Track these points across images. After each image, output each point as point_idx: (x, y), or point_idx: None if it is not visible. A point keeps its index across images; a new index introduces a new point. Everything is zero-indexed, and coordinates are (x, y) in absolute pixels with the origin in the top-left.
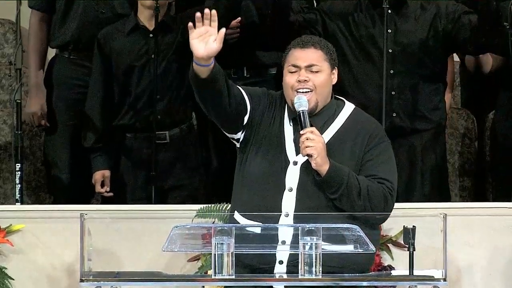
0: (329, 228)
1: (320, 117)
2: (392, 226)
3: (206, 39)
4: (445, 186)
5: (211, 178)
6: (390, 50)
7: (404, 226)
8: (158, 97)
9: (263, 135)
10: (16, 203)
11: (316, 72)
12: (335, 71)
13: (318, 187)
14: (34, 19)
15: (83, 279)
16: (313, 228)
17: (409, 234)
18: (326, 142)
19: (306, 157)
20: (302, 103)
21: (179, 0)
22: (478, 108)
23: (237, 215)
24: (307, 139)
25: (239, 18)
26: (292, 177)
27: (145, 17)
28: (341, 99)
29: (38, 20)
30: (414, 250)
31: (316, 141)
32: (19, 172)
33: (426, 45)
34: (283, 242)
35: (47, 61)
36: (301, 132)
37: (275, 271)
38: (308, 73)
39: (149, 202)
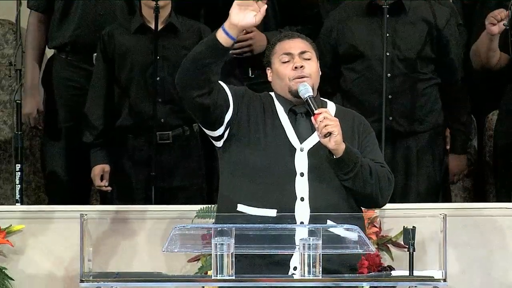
0: (328, 228)
1: None
2: (392, 227)
3: (247, 10)
4: (445, 186)
5: (212, 179)
6: (388, 54)
7: (404, 226)
8: (160, 100)
9: (258, 128)
10: (16, 204)
11: (309, 59)
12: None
13: (327, 171)
14: (32, 19)
15: (83, 279)
16: (313, 228)
17: (409, 234)
18: None
19: (312, 140)
20: (308, 89)
21: (175, 4)
22: (478, 108)
23: (242, 207)
24: (325, 118)
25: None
26: (301, 162)
27: (150, 17)
28: (323, 99)
29: (36, 21)
30: (414, 251)
31: (333, 119)
32: (19, 172)
33: (422, 49)
34: (302, 223)
35: (45, 61)
36: (316, 112)
37: (291, 262)
38: (302, 60)
39: (149, 202)
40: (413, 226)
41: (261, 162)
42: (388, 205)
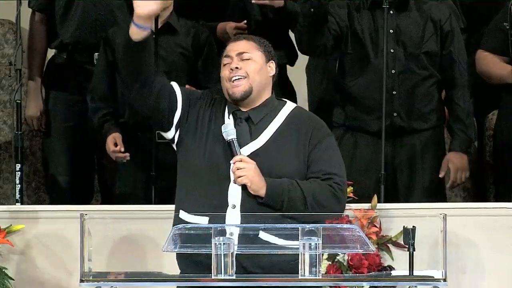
0: (328, 228)
1: (259, 111)
2: (392, 227)
3: None
4: (441, 185)
5: None
6: (392, 50)
7: (404, 226)
8: None
9: (203, 132)
10: (16, 204)
11: (248, 59)
12: (272, 65)
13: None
14: (33, 20)
15: (83, 279)
16: (313, 229)
17: (409, 234)
18: (266, 141)
19: (252, 147)
20: (229, 132)
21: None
22: (479, 108)
23: (182, 214)
24: (238, 169)
25: (245, 20)
26: None
27: None
28: (283, 100)
29: (37, 21)
30: (414, 251)
31: (247, 169)
32: (19, 172)
33: (425, 45)
34: (231, 234)
35: (46, 61)
36: (231, 161)
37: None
38: (239, 61)
39: (149, 202)
40: (413, 226)
41: (200, 166)
42: (388, 205)
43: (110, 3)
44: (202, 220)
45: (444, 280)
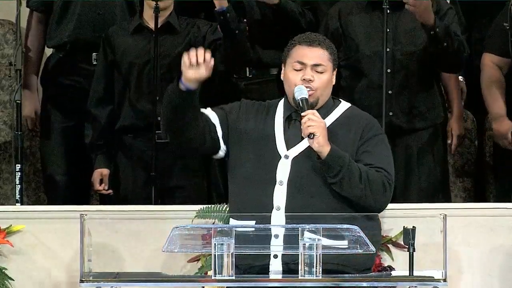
0: (329, 229)
1: (318, 112)
2: (392, 227)
3: (195, 66)
4: (445, 185)
5: (211, 179)
6: (388, 49)
7: (404, 226)
8: (158, 98)
9: (249, 139)
10: (16, 204)
11: (321, 72)
12: (335, 72)
13: (310, 179)
14: (31, 19)
15: (83, 279)
16: (313, 229)
17: (409, 234)
18: None
19: (300, 147)
20: (302, 91)
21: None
22: (478, 109)
23: (232, 221)
24: (309, 120)
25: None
26: (283, 170)
27: (150, 17)
28: (338, 99)
29: (35, 21)
30: (414, 251)
31: (318, 121)
32: (19, 172)
33: (422, 44)
34: (276, 236)
35: (44, 61)
36: (302, 114)
37: (270, 268)
38: (314, 72)
39: (149, 202)
40: (413, 226)
41: (247, 170)
42: (388, 205)
43: (109, 2)
44: (248, 223)
45: (444, 280)
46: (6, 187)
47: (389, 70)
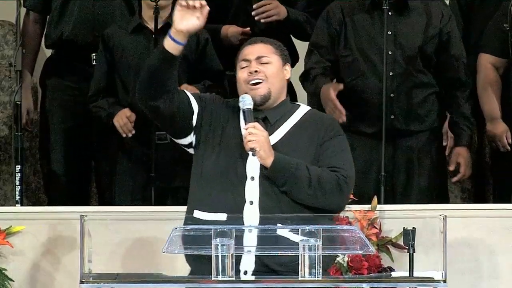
0: (328, 230)
1: (276, 112)
2: (392, 228)
3: (190, 13)
4: (444, 187)
5: None
6: (390, 52)
7: (404, 227)
8: None
9: (218, 134)
10: (16, 205)
11: (266, 63)
12: (288, 67)
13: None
14: (27, 19)
15: (83, 280)
16: (313, 230)
17: (409, 235)
18: (281, 138)
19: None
20: (245, 102)
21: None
22: (477, 109)
23: (197, 213)
24: (249, 134)
25: (249, 28)
26: (253, 167)
27: (149, 17)
28: (297, 103)
29: (31, 20)
30: (414, 252)
31: (258, 135)
32: (19, 173)
33: (423, 48)
34: (250, 231)
35: (43, 61)
36: (244, 127)
37: (241, 263)
38: (258, 64)
39: (149, 203)
40: (413, 227)
41: (215, 168)
42: (388, 206)
43: (108, 2)
44: (219, 217)
45: (444, 281)
46: (6, 188)
47: (391, 73)
